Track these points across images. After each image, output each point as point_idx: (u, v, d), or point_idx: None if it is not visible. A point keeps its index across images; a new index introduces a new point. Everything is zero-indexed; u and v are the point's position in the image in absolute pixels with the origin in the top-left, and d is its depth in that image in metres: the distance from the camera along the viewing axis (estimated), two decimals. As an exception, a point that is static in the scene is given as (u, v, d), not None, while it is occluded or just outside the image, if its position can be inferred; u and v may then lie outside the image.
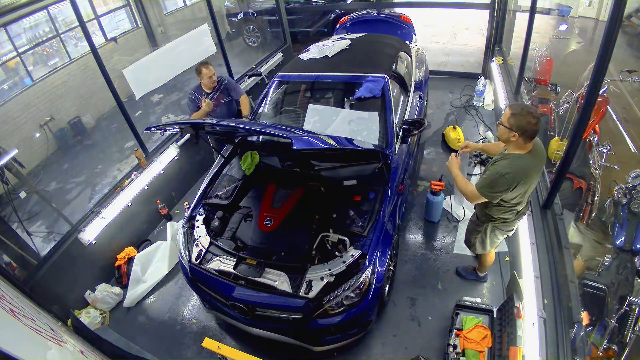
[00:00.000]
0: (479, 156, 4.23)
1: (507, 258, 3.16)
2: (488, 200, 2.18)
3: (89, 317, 2.98)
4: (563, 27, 5.11)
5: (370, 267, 2.36)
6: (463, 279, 3.08)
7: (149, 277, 3.40)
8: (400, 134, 3.18)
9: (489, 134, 4.63)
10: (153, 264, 3.50)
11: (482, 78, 5.44)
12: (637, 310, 2.12)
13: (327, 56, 3.79)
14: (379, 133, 3.12)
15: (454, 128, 4.53)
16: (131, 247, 3.62)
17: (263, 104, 3.64)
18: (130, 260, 3.47)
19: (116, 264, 3.46)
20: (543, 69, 4.47)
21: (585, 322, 1.90)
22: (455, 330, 2.52)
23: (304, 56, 3.92)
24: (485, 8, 5.57)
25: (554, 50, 4.52)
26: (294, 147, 2.05)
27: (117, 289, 3.32)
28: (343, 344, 2.55)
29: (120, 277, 3.43)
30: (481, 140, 4.67)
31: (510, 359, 2.06)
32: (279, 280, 2.34)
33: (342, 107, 3.39)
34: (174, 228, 3.61)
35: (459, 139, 4.42)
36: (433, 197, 3.43)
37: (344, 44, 3.98)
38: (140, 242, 3.77)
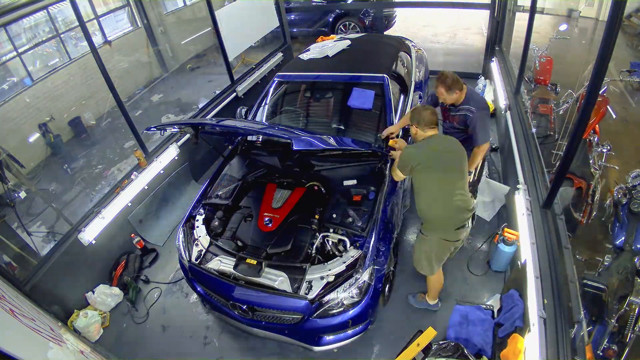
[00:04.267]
0: None
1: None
2: (403, 179, 2.64)
3: (86, 318, 2.98)
4: (563, 27, 5.10)
5: (370, 268, 2.36)
6: (415, 309, 2.88)
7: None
8: (401, 134, 3.18)
9: None
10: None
11: (482, 78, 5.44)
12: (637, 310, 2.12)
13: (327, 56, 3.80)
14: None
15: None
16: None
17: (263, 104, 3.65)
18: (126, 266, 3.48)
19: (117, 270, 3.44)
20: (543, 69, 4.47)
21: None
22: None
23: (304, 56, 3.93)
24: (485, 8, 5.58)
25: (554, 50, 4.52)
26: (294, 148, 2.05)
27: (117, 290, 3.31)
28: (343, 344, 2.55)
29: (112, 278, 3.43)
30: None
31: (510, 345, 2.06)
32: (279, 280, 2.34)
33: (342, 107, 3.39)
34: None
35: None
36: (504, 246, 2.88)
37: (344, 44, 3.99)
38: (147, 251, 3.73)
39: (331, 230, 2.57)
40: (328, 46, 4.02)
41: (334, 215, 2.64)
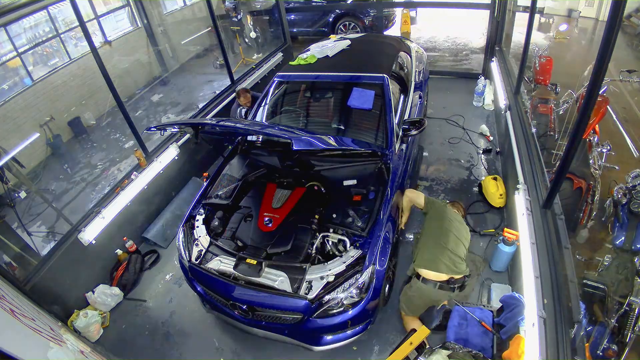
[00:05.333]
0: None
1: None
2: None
3: (86, 318, 2.98)
4: (563, 27, 5.11)
5: (370, 267, 2.36)
6: None
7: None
8: (400, 134, 3.18)
9: (483, 127, 4.81)
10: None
11: (482, 78, 5.44)
12: (637, 310, 2.12)
13: (327, 56, 3.80)
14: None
15: (495, 179, 3.73)
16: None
17: (263, 104, 3.64)
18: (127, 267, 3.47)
19: (119, 270, 3.44)
20: (543, 69, 4.47)
21: None
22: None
23: (304, 56, 3.92)
24: (485, 8, 5.59)
25: (554, 50, 4.51)
26: (294, 148, 2.06)
27: (117, 290, 3.31)
28: (343, 344, 2.55)
29: (112, 278, 3.43)
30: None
31: (512, 347, 2.06)
32: (279, 280, 2.34)
33: (342, 107, 3.39)
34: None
35: (501, 194, 3.63)
36: (504, 246, 2.93)
37: (344, 44, 3.99)
38: (146, 253, 3.73)
39: (331, 230, 2.57)
40: (328, 46, 4.02)
41: (334, 215, 2.64)
